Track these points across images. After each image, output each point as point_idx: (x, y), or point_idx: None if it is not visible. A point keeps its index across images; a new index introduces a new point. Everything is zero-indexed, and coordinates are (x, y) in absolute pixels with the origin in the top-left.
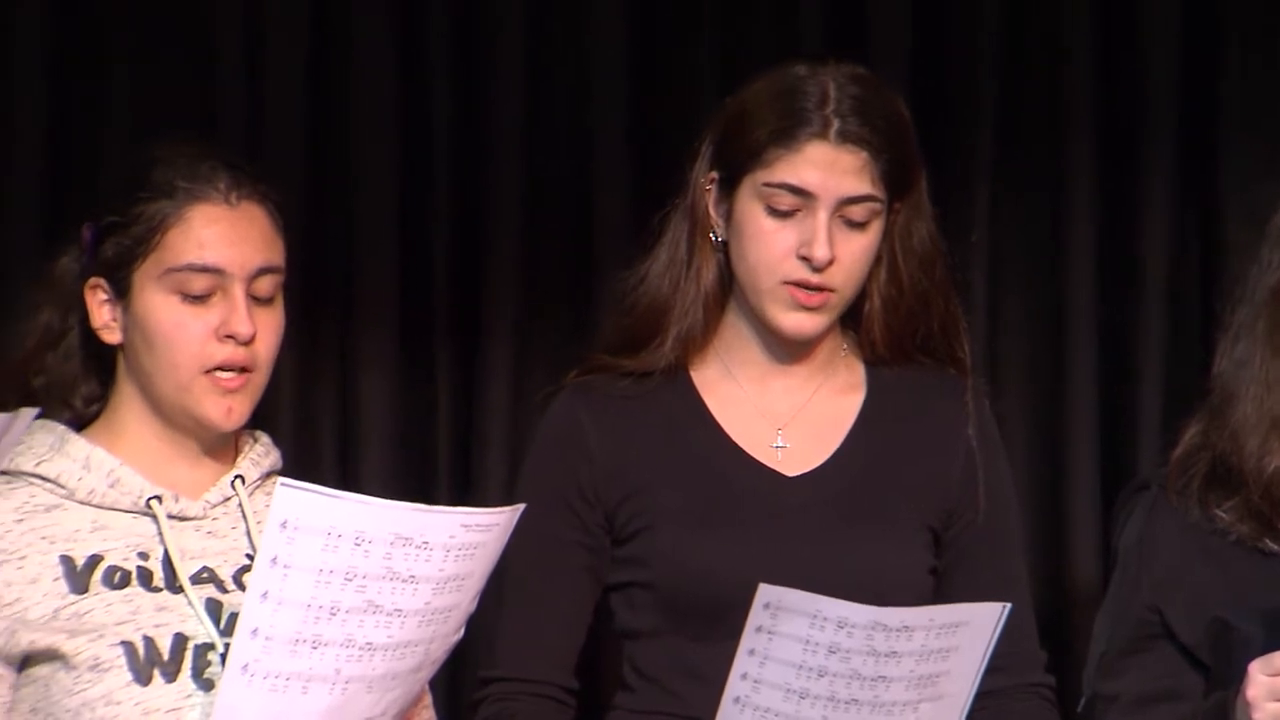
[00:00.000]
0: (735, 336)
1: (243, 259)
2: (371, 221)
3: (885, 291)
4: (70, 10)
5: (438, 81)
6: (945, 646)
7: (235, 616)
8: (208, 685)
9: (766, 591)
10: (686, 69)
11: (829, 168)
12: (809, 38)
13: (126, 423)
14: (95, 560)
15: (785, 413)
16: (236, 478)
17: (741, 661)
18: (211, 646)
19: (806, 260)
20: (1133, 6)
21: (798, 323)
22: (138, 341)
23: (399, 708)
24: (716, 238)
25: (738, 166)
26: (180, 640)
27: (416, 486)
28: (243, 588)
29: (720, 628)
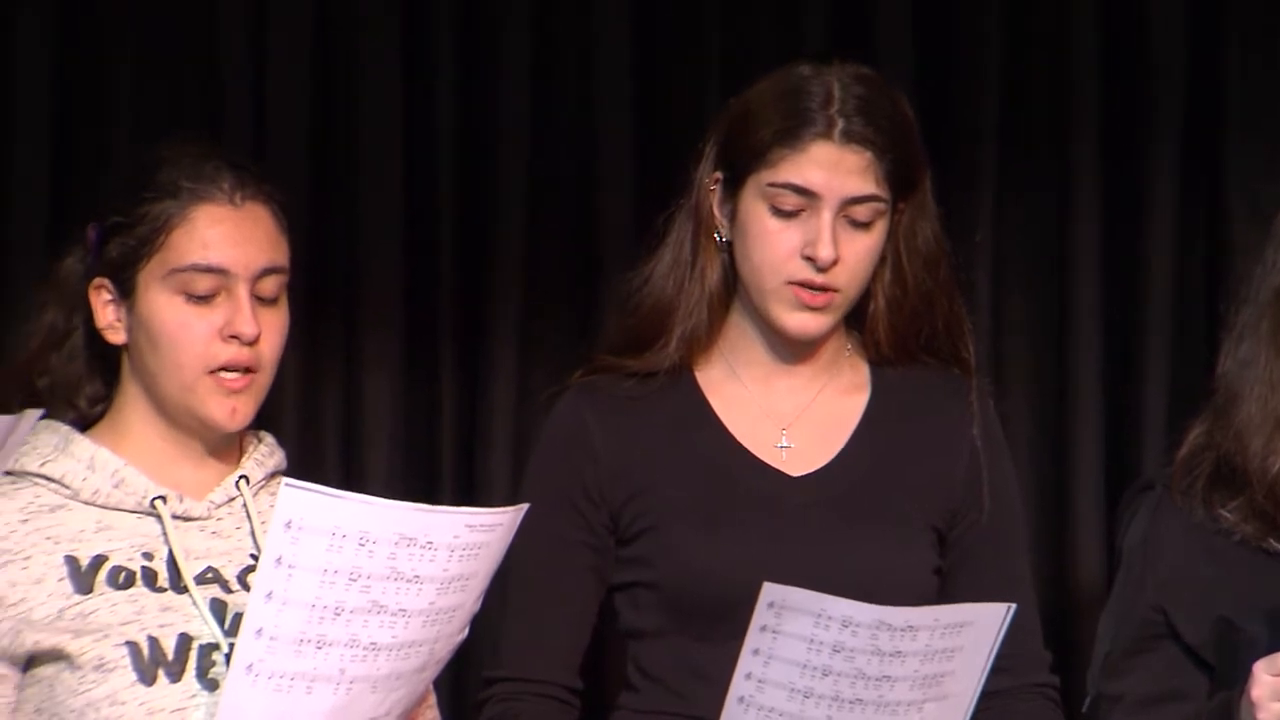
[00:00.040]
0: (739, 337)
1: (247, 259)
2: (375, 222)
3: (890, 292)
4: (74, 11)
5: (441, 82)
6: (950, 646)
7: (240, 617)
8: (212, 685)
9: (771, 590)
10: (690, 69)
11: (833, 168)
12: (813, 38)
13: (131, 423)
14: (100, 560)
15: (790, 413)
16: (241, 478)
17: (746, 661)
18: (216, 647)
19: (811, 260)
20: (1136, 7)
21: (802, 323)
22: (142, 342)
23: (403, 708)
24: (721, 238)
25: (742, 166)
26: (185, 640)
27: (420, 486)
28: (247, 588)
29: (724, 627)
